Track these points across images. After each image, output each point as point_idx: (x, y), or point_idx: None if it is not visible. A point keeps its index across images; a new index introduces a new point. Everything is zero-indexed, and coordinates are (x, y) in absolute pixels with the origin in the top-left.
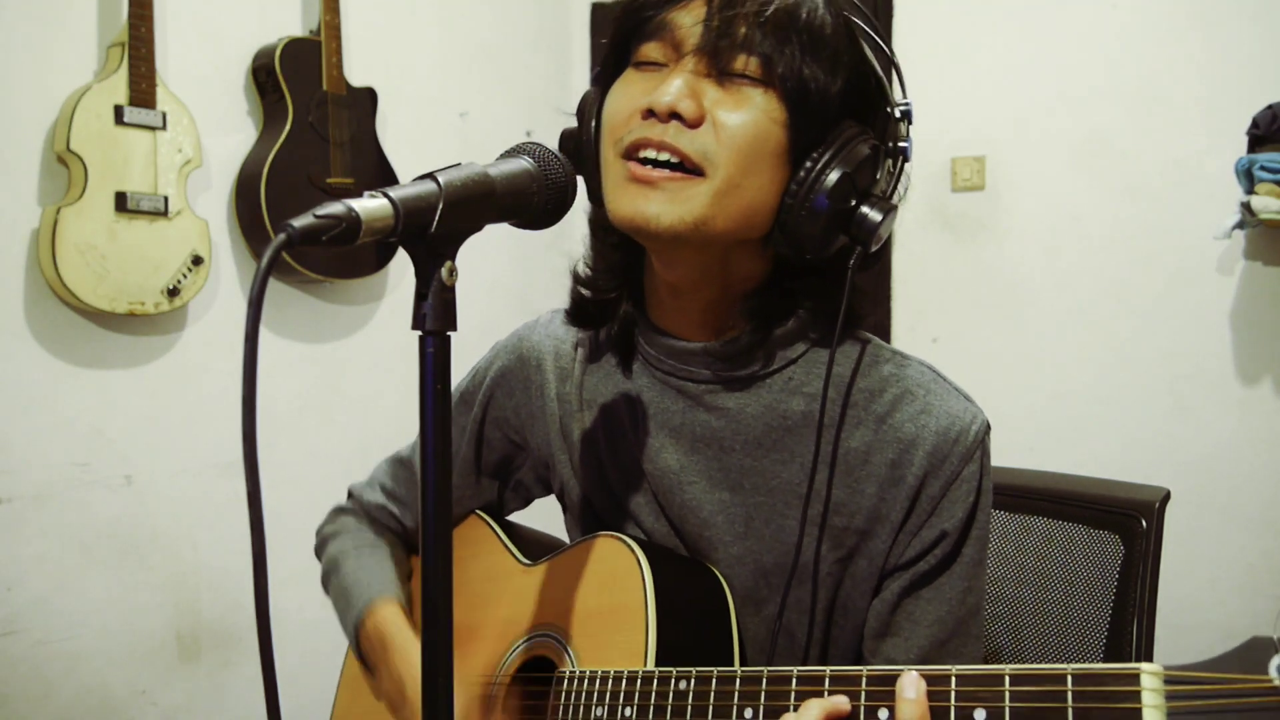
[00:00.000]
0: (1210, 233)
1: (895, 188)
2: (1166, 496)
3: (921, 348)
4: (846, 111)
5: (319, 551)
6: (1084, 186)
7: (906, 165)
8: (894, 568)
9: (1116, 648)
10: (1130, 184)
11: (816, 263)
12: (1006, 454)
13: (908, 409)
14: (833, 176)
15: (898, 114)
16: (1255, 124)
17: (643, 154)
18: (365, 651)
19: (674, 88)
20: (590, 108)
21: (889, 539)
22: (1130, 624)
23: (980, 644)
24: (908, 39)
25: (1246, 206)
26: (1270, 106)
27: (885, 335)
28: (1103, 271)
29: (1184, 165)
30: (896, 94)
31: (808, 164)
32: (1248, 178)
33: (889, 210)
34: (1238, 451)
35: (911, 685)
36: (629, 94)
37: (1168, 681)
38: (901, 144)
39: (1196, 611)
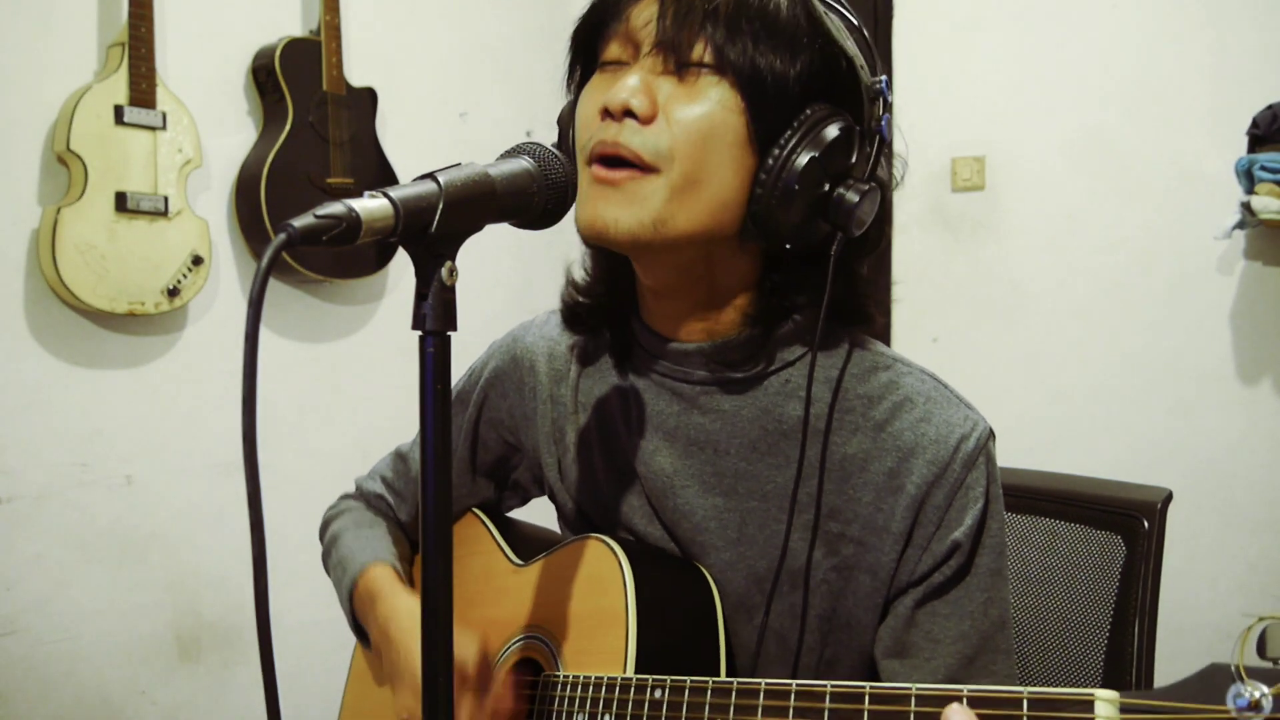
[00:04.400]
0: (1210, 233)
1: (875, 169)
2: (1168, 497)
3: (921, 347)
4: (814, 94)
5: (322, 533)
6: (1084, 186)
7: (892, 145)
8: (905, 584)
9: (1118, 648)
10: (1130, 184)
11: (804, 254)
12: (1007, 455)
13: (907, 417)
14: (801, 160)
15: (872, 92)
16: (1255, 124)
17: (602, 155)
18: (358, 613)
19: (626, 86)
20: (567, 118)
21: (893, 553)
22: (1131, 624)
23: (1011, 658)
24: (908, 39)
25: (1246, 206)
26: (1270, 106)
27: (885, 335)
28: (1103, 271)
29: (1184, 165)
30: (869, 72)
31: (775, 151)
32: (1248, 178)
33: (867, 191)
34: (1238, 451)
35: (960, 714)
36: (593, 97)
37: (1123, 710)
38: (877, 124)
39: (1196, 611)
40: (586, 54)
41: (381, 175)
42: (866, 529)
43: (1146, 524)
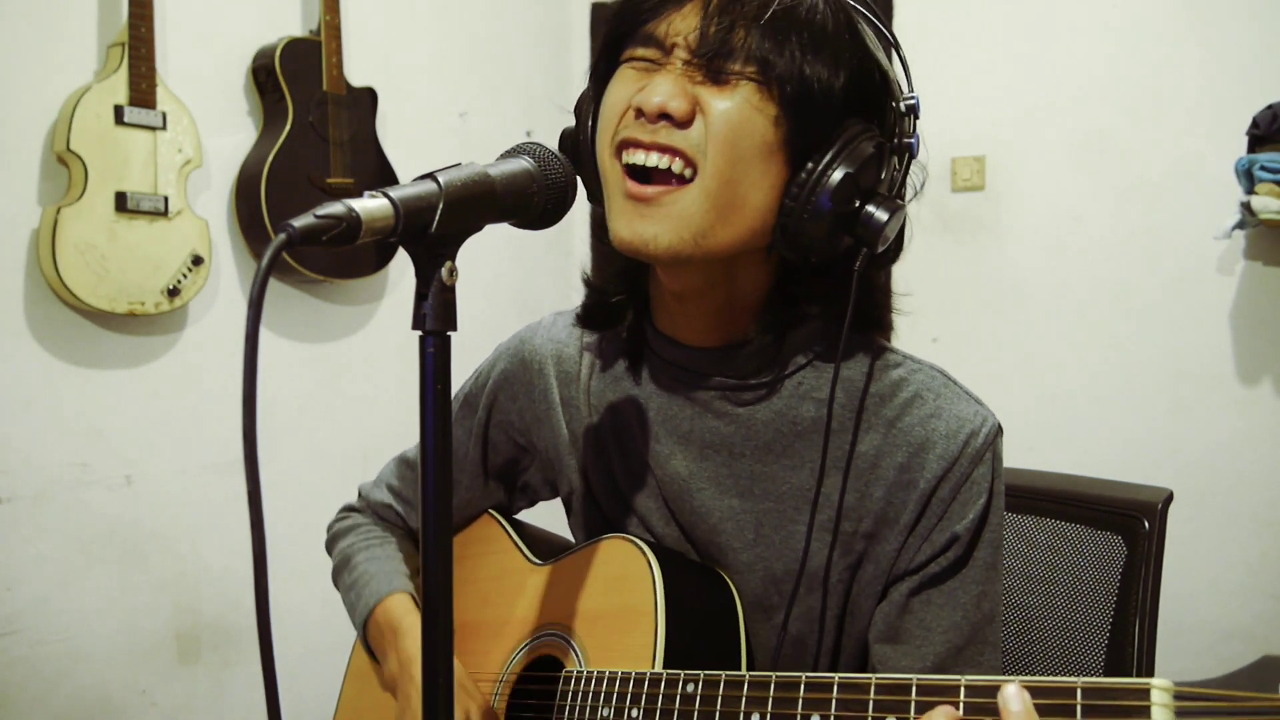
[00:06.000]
0: (1210, 233)
1: (902, 185)
2: (1169, 497)
3: (921, 347)
4: (850, 108)
5: (329, 547)
6: (1084, 186)
7: (914, 161)
8: (903, 572)
9: (1118, 647)
10: (1130, 184)
11: (824, 266)
12: (1007, 454)
13: (917, 412)
14: (836, 176)
15: (903, 108)
16: (1255, 124)
17: (632, 158)
18: (373, 641)
19: (664, 88)
20: (586, 106)
21: (896, 542)
22: (1132, 624)
23: (997, 651)
24: (908, 38)
25: (1246, 206)
26: (1270, 106)
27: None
28: (1103, 271)
29: (1184, 165)
30: (902, 88)
31: (809, 165)
32: (1248, 178)
33: (895, 209)
34: (1238, 451)
35: (1016, 697)
36: (625, 90)
37: (1177, 697)
38: (908, 140)
39: (1196, 610)
40: (613, 51)
41: (381, 175)
42: (878, 523)
43: (1147, 524)
